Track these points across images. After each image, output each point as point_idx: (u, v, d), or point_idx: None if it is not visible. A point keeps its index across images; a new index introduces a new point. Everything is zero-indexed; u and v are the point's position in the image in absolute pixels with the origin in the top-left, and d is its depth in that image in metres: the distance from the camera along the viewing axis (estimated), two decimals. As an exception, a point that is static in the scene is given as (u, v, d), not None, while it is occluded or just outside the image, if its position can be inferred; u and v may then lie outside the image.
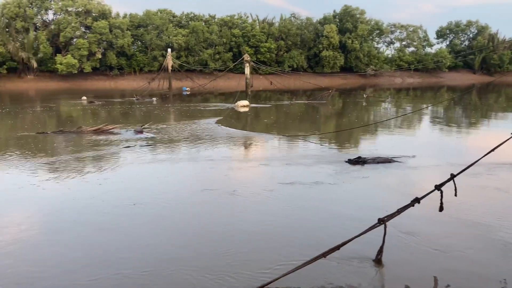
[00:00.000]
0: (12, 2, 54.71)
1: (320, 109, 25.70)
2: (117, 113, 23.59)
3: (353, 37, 67.45)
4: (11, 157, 11.00)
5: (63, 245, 5.47)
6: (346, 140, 13.96)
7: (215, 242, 5.53)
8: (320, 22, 69.27)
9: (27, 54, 53.43)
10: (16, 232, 5.86)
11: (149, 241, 5.57)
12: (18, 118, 20.80)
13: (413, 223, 5.99)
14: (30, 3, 56.11)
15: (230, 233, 5.81)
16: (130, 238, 5.68)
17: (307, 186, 8.01)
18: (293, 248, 5.29)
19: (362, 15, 69.34)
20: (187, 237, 5.75)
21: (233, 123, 18.51)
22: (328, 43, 65.82)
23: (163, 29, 60.56)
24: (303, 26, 67.96)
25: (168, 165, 10.15)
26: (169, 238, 5.72)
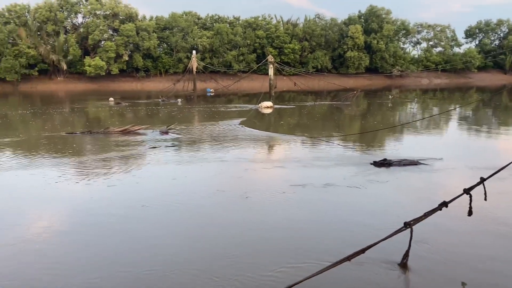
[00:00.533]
0: (44, 6, 56.50)
1: (344, 110, 25.45)
2: (143, 114, 24.01)
3: (379, 37, 66.54)
4: (40, 157, 11.36)
5: (77, 244, 5.61)
6: (371, 142, 13.78)
7: (231, 245, 5.56)
8: (344, 22, 68.63)
9: (57, 57, 55.05)
10: (34, 231, 6.06)
11: (159, 242, 5.64)
12: (48, 119, 21.44)
13: (441, 227, 5.87)
14: (61, 7, 57.79)
15: (249, 236, 5.83)
16: (143, 239, 5.78)
17: (331, 188, 7.95)
18: (317, 251, 5.27)
19: (388, 15, 68.35)
20: (196, 239, 5.79)
21: (256, 124, 18.54)
22: (353, 43, 65.15)
23: (188, 31, 61.29)
24: (328, 26, 67.50)
25: (190, 166, 10.24)
26: (179, 239, 5.77)
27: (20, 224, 6.29)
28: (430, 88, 55.92)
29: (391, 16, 68.90)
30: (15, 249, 5.42)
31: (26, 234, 5.88)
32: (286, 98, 36.28)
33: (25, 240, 5.67)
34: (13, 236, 5.81)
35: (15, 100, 38.04)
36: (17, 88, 53.09)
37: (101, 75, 56.03)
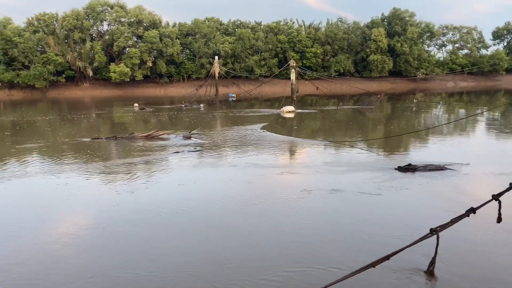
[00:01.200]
0: (71, 14, 58.11)
1: (368, 115, 25.17)
2: (166, 119, 24.34)
3: (402, 40, 65.59)
4: (66, 162, 11.65)
5: (97, 249, 5.72)
6: (395, 147, 13.57)
7: (247, 251, 5.56)
8: (367, 25, 67.94)
9: (83, 64, 56.47)
10: (57, 235, 6.21)
11: (174, 247, 5.70)
12: (74, 124, 21.99)
13: (468, 234, 5.72)
14: (87, 15, 59.31)
15: (272, 241, 5.82)
16: (159, 244, 5.84)
17: (355, 194, 7.87)
18: (341, 257, 5.22)
19: (412, 18, 67.30)
20: (213, 246, 5.81)
21: (278, 129, 18.54)
22: (376, 47, 64.42)
23: (211, 37, 61.88)
24: (350, 30, 67.00)
25: (212, 171, 10.31)
26: (196, 245, 5.81)
27: (43, 228, 6.47)
28: (456, 91, 54.71)
29: (415, 19, 67.86)
30: (39, 251, 5.57)
31: (49, 238, 6.03)
32: (308, 102, 36.14)
33: (48, 243, 5.83)
34: (36, 240, 5.97)
35: (43, 106, 39.20)
36: (45, 94, 54.69)
37: (125, 81, 57.16)
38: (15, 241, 5.96)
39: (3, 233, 6.34)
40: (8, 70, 54.06)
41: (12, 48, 53.90)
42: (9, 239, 6.07)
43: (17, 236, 6.16)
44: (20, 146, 14.39)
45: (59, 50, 56.10)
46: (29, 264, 5.23)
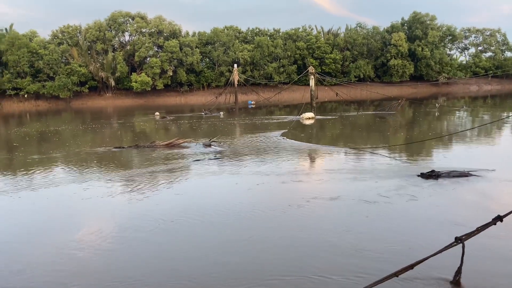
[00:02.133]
0: (94, 26, 59.60)
1: (389, 120, 24.84)
2: (187, 127, 24.58)
3: (423, 44, 64.71)
4: (89, 171, 11.89)
5: (119, 256, 5.78)
6: (418, 153, 13.34)
7: (268, 261, 5.53)
8: (387, 30, 67.32)
9: (106, 74, 57.72)
10: (79, 242, 6.31)
11: (192, 254, 5.71)
12: (97, 134, 22.44)
13: (495, 243, 5.56)
14: (109, 27, 60.70)
15: (295, 249, 5.78)
16: (175, 252, 5.87)
17: (377, 201, 7.76)
18: (363, 265, 5.14)
19: (433, 21, 66.40)
20: (235, 256, 5.80)
21: (298, 135, 18.47)
22: (396, 51, 63.74)
23: (230, 45, 62.41)
24: (370, 35, 66.50)
25: (232, 179, 10.32)
26: (215, 254, 5.81)
27: (68, 237, 6.59)
28: (479, 95, 53.51)
29: (436, 22, 66.90)
30: (64, 258, 5.67)
31: (72, 245, 6.15)
32: (328, 109, 35.95)
33: (73, 251, 5.93)
34: (59, 246, 6.09)
35: (67, 116, 40.17)
36: (69, 104, 56.05)
37: (147, 91, 58.11)
38: (41, 249, 6.09)
39: (29, 241, 6.49)
40: (34, 82, 55.70)
41: (38, 60, 55.55)
42: (36, 246, 6.21)
43: (43, 243, 6.30)
44: (45, 156, 14.76)
45: (83, 61, 57.52)
46: (53, 270, 5.34)
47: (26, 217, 7.78)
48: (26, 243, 6.43)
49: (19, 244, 6.41)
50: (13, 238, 6.69)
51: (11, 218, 7.81)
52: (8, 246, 6.32)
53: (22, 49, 54.15)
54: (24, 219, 7.69)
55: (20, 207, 8.50)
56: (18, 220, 7.67)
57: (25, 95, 56.27)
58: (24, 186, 10.02)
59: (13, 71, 54.82)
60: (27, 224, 7.37)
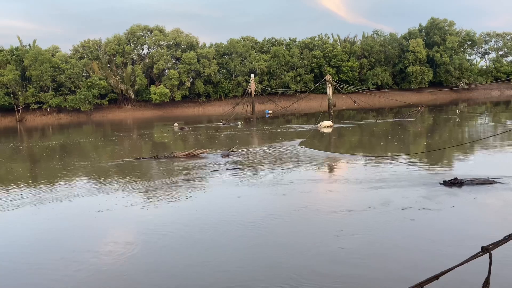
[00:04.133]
0: (113, 40, 60.93)
1: (408, 127, 24.51)
2: (205, 137, 24.76)
3: (442, 50, 63.93)
4: (111, 182, 12.05)
5: (140, 266, 5.82)
6: (439, 160, 13.09)
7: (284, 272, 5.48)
8: (404, 37, 66.80)
9: (125, 86, 58.80)
10: (103, 253, 6.38)
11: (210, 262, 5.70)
12: (118, 145, 22.78)
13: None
14: (128, 40, 61.96)
15: (312, 259, 5.72)
16: (196, 261, 5.88)
17: (398, 210, 7.63)
18: (386, 276, 5.05)
19: (451, 27, 65.60)
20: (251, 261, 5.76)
21: (316, 144, 18.38)
22: (414, 58, 63.12)
23: (246, 56, 62.87)
24: (387, 42, 66.10)
25: (250, 189, 10.31)
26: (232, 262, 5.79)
27: (90, 247, 6.68)
28: (501, 100, 52.39)
29: (455, 27, 66.08)
30: (87, 269, 5.75)
31: (96, 255, 6.22)
32: (346, 117, 35.72)
33: (96, 259, 6.01)
34: (83, 257, 6.17)
35: (88, 128, 40.96)
36: (90, 117, 57.20)
37: (165, 102, 58.89)
38: (61, 258, 6.19)
39: (51, 249, 6.60)
40: (56, 96, 57.12)
41: (60, 75, 56.99)
42: (56, 255, 6.31)
43: (64, 253, 6.40)
44: (67, 168, 15.05)
45: (103, 74, 58.76)
46: (74, 279, 5.41)
47: (49, 227, 7.92)
48: (48, 251, 6.54)
49: (41, 253, 6.53)
50: (35, 247, 6.82)
51: (34, 229, 7.96)
52: (30, 256, 6.44)
53: (45, 64, 55.67)
54: (47, 229, 7.84)
55: (43, 217, 8.67)
56: (41, 230, 7.82)
57: (48, 109, 57.73)
58: (46, 198, 10.23)
59: (36, 86, 56.36)
60: (49, 234, 7.51)
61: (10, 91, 55.58)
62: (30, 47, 60.28)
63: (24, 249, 6.85)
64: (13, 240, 7.38)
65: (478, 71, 68.81)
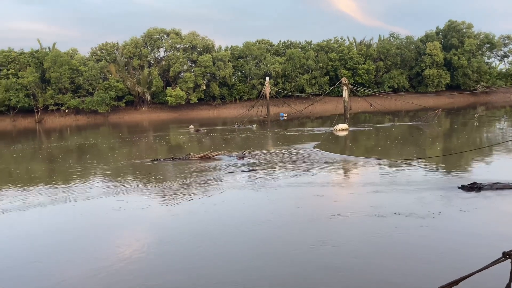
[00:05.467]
0: (130, 43, 61.68)
1: (425, 131, 24.21)
2: (220, 140, 24.85)
3: (460, 53, 62.94)
4: (128, 183, 12.19)
5: (155, 267, 5.86)
6: (457, 164, 12.89)
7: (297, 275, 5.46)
8: (421, 40, 66.01)
9: (142, 89, 59.44)
10: (120, 252, 6.45)
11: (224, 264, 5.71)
12: (134, 147, 23.03)
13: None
14: (145, 43, 62.64)
15: (327, 264, 5.69)
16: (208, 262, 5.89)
17: (417, 214, 7.54)
18: (405, 282, 4.99)
19: (470, 29, 64.54)
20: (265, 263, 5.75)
21: (331, 147, 18.28)
22: (431, 61, 62.29)
23: (261, 58, 62.95)
24: (403, 45, 65.39)
25: (265, 191, 10.30)
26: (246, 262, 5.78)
27: (106, 246, 6.77)
28: (522, 104, 51.33)
29: (473, 30, 64.97)
30: (103, 268, 5.82)
31: (113, 254, 6.30)
32: (361, 120, 35.45)
33: (113, 259, 6.08)
34: (99, 256, 6.26)
35: (105, 130, 41.50)
36: (107, 118, 57.95)
37: (181, 104, 59.35)
38: (79, 256, 6.29)
39: (68, 248, 6.71)
40: (74, 97, 58.06)
41: (78, 77, 57.92)
42: (74, 253, 6.41)
43: (81, 252, 6.50)
44: (84, 168, 15.28)
45: (120, 76, 59.51)
46: (90, 281, 5.49)
47: (66, 226, 8.05)
48: (65, 250, 6.65)
49: (59, 252, 6.64)
50: (53, 246, 6.94)
51: (51, 227, 8.10)
52: (48, 254, 6.56)
53: (63, 67, 56.66)
54: (64, 228, 7.97)
55: (61, 217, 8.82)
56: (58, 229, 7.96)
57: (66, 110, 58.70)
58: (65, 197, 10.40)
59: (55, 88, 57.40)
60: (67, 232, 7.63)
61: (30, 93, 56.71)
62: (49, 49, 61.44)
63: (44, 247, 6.97)
64: (34, 238, 7.52)
65: (497, 74, 67.48)
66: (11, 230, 8.15)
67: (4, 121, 57.21)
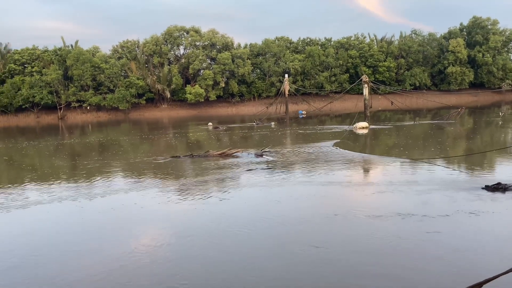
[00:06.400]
0: (151, 41, 62.33)
1: (448, 130, 23.73)
2: (238, 137, 24.91)
3: (484, 50, 61.43)
4: (148, 179, 12.34)
5: (172, 262, 5.90)
6: (480, 164, 12.59)
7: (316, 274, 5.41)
8: (444, 36, 64.65)
9: (162, 86, 60.06)
10: (139, 247, 6.52)
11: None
12: (154, 143, 23.30)
13: None
14: (165, 41, 63.21)
15: (348, 264, 5.63)
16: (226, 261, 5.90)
17: (438, 215, 7.39)
18: (427, 284, 4.90)
19: (495, 26, 62.89)
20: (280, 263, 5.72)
21: (351, 145, 18.11)
22: (454, 58, 60.99)
23: (280, 56, 62.75)
24: (425, 42, 64.21)
25: (283, 189, 10.26)
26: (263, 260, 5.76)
27: (124, 241, 6.86)
28: (549, 102, 49.79)
29: (498, 26, 63.28)
30: (121, 262, 5.91)
31: (131, 250, 6.38)
32: (382, 118, 35.00)
33: (131, 255, 6.16)
34: (119, 251, 6.35)
35: (126, 127, 42.10)
36: (128, 115, 58.78)
37: (200, 102, 59.71)
38: (101, 253, 6.39)
39: (90, 246, 6.83)
40: (96, 94, 59.07)
41: (100, 74, 58.88)
42: (94, 251, 6.53)
43: (102, 249, 6.60)
44: (105, 165, 15.53)
45: (140, 74, 60.26)
46: (111, 274, 5.58)
47: (85, 221, 8.21)
48: (85, 245, 6.77)
49: (81, 246, 6.77)
50: (74, 239, 7.07)
51: (71, 222, 8.26)
52: (68, 247, 6.69)
53: (86, 64, 57.68)
54: (84, 222, 8.12)
55: (82, 213, 8.99)
56: (83, 222, 8.11)
57: (88, 107, 59.79)
58: (87, 193, 10.59)
59: (78, 85, 58.50)
60: (86, 227, 7.78)
61: (53, 89, 57.95)
62: (72, 47, 62.65)
63: (67, 240, 7.12)
64: (58, 230, 7.69)
65: (524, 71, 65.62)
66: (33, 224, 8.35)
67: (29, 118, 58.68)
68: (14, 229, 8.06)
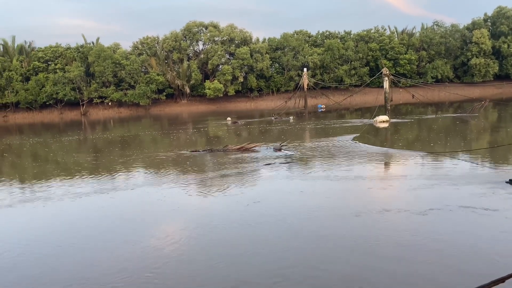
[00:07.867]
0: (170, 37, 62.87)
1: (471, 123, 23.24)
2: (257, 131, 24.96)
3: (510, 40, 59.69)
4: (168, 173, 12.52)
5: (194, 258, 6.00)
6: (504, 158, 12.32)
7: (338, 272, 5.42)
8: (467, 27, 63.05)
9: (181, 82, 60.57)
10: (161, 239, 6.64)
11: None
12: (174, 138, 23.57)
13: None
14: (184, 37, 63.64)
15: (370, 259, 5.63)
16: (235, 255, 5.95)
17: (461, 210, 7.29)
18: (449, 279, 4.87)
19: (521, 15, 60.98)
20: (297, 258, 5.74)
21: (371, 139, 17.94)
22: (478, 49, 59.48)
23: (299, 50, 62.36)
24: (448, 33, 62.73)
25: (303, 183, 10.28)
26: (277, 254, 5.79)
27: (146, 234, 7.01)
28: None
29: (525, 16, 61.34)
30: (145, 255, 6.05)
31: (154, 243, 6.52)
32: (403, 111, 34.49)
33: (155, 248, 6.30)
34: (143, 245, 6.49)
35: (147, 122, 42.69)
36: (148, 111, 59.58)
37: (219, 97, 60.01)
38: (124, 246, 6.55)
39: (113, 239, 7.00)
40: (117, 90, 60.02)
41: (120, 70, 59.76)
42: (118, 245, 6.69)
43: (126, 241, 6.76)
44: (126, 159, 15.82)
45: (160, 70, 60.91)
46: (133, 267, 5.72)
47: (109, 215, 8.41)
48: (108, 239, 6.95)
49: (107, 235, 6.95)
50: (97, 233, 7.26)
51: (94, 216, 8.48)
52: (90, 241, 6.88)
53: (107, 61, 58.61)
54: (107, 216, 8.33)
55: (105, 206, 9.21)
56: (105, 215, 8.32)
57: (109, 103, 60.84)
58: (108, 188, 10.83)
59: (99, 81, 59.56)
60: (110, 220, 7.98)
61: (76, 86, 59.15)
62: (93, 44, 63.72)
63: (89, 234, 7.32)
64: (80, 223, 7.91)
65: (552, 62, 63.49)
66: (56, 218, 8.60)
67: (53, 114, 60.14)
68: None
